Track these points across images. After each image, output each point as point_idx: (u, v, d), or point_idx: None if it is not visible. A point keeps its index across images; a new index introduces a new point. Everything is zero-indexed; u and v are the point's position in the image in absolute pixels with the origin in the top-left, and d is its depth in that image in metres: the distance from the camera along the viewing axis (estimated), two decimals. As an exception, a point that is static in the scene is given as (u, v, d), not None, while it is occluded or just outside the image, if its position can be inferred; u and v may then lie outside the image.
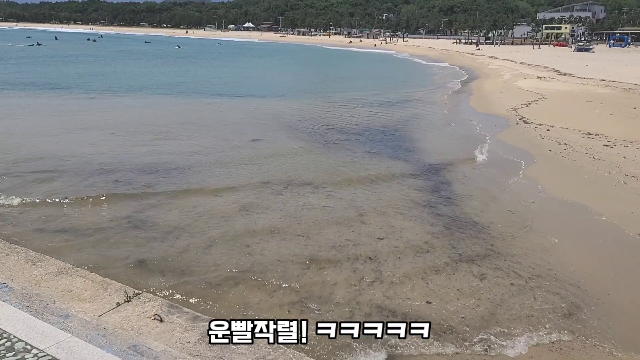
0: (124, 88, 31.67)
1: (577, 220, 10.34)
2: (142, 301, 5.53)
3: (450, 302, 6.94)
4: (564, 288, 7.45)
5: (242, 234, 9.10)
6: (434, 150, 16.43)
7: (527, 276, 7.78)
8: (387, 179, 13.05)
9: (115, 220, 9.56)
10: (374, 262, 8.10)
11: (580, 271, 8.02)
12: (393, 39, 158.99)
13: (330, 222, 9.77)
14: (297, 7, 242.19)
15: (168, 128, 18.85)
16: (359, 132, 19.26)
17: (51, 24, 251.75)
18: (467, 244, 8.92)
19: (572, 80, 37.06)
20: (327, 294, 7.06)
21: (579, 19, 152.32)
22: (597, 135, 17.63)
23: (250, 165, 13.80)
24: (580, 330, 6.42)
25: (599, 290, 7.44)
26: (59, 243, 8.40)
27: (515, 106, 24.47)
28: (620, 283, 7.74)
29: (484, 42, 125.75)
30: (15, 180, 11.76)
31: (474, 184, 12.84)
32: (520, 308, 6.87)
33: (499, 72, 46.60)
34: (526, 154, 15.55)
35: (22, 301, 5.30)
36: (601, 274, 8.00)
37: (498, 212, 10.74)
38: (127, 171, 12.86)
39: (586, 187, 12.22)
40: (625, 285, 7.70)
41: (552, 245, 9.01)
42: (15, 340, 4.55)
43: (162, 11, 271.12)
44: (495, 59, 66.02)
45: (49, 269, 6.20)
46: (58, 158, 13.92)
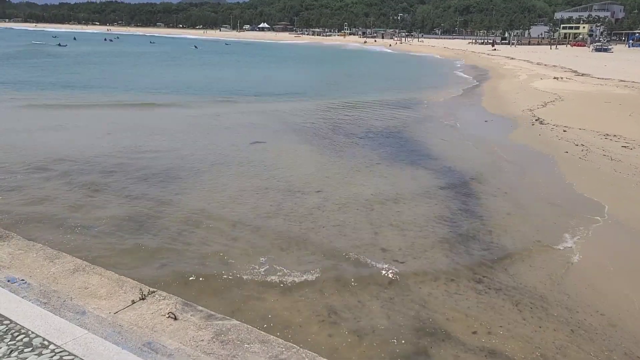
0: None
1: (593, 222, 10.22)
2: (156, 299, 5.58)
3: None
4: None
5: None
6: (449, 155, 16.35)
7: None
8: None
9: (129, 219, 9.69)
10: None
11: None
12: (408, 39, 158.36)
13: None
14: (312, 7, 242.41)
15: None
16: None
17: (70, 24, 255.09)
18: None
19: (590, 80, 36.54)
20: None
21: (598, 18, 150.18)
22: (615, 136, 17.37)
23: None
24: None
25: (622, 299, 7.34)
26: (77, 240, 8.56)
27: (531, 107, 24.22)
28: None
29: (500, 42, 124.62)
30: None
31: (490, 186, 12.73)
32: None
33: (515, 72, 46.15)
34: (541, 156, 15.39)
35: (40, 297, 5.38)
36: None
37: (516, 218, 10.65)
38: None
39: (604, 189, 12.05)
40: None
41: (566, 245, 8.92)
42: (33, 336, 4.62)
43: (178, 12, 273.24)
44: (511, 59, 65.38)
45: (66, 266, 6.29)
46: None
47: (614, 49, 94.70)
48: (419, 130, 19.84)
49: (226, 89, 33.41)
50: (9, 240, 6.98)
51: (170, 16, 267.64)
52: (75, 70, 43.79)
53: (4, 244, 6.85)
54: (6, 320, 4.84)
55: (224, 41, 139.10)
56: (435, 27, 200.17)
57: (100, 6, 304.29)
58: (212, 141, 16.83)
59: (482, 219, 10.22)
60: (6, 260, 6.30)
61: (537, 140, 17.47)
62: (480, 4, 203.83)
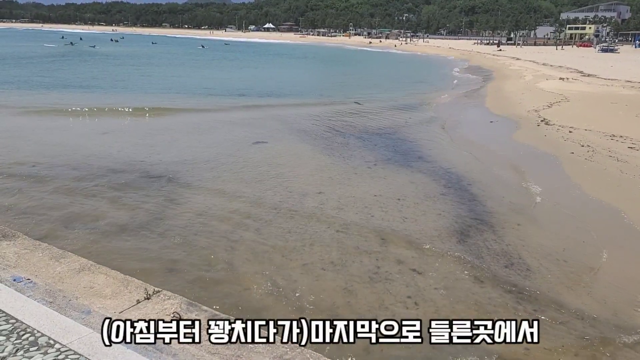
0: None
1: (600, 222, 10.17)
2: (161, 299, 5.59)
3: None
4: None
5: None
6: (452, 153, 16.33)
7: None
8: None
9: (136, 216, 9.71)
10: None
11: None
12: (413, 39, 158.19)
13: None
14: (317, 7, 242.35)
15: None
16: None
17: (76, 25, 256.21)
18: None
19: (596, 81, 36.35)
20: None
21: (604, 19, 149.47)
22: (621, 137, 17.27)
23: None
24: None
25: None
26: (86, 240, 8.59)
27: (536, 108, 24.13)
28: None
29: (506, 43, 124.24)
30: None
31: (490, 187, 12.69)
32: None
33: (521, 73, 45.99)
34: (547, 156, 15.33)
35: (45, 297, 5.40)
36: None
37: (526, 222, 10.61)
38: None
39: (610, 190, 11.99)
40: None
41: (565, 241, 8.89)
42: (39, 335, 4.64)
43: (184, 12, 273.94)
44: (516, 60, 65.18)
45: (71, 265, 6.31)
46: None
47: (620, 49, 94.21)
48: (421, 131, 19.83)
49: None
50: (15, 240, 7.01)
51: (175, 16, 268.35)
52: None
53: (10, 243, 6.88)
54: (12, 319, 4.87)
55: (225, 41, 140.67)
56: (441, 28, 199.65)
57: (106, 7, 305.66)
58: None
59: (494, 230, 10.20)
60: (12, 260, 6.33)
61: (542, 141, 17.40)
62: (485, 4, 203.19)
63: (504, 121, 22.01)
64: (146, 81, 37.12)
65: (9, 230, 7.39)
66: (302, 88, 36.68)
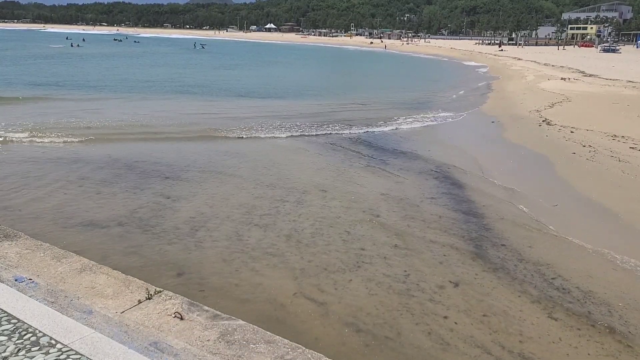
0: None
1: (600, 223, 10.16)
2: (163, 299, 5.59)
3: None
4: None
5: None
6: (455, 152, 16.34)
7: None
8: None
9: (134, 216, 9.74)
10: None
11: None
12: (415, 39, 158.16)
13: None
14: (319, 8, 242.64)
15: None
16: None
17: (78, 25, 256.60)
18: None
19: (598, 81, 36.32)
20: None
21: (605, 19, 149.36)
22: (623, 137, 17.25)
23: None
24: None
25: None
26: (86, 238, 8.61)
27: (538, 108, 24.10)
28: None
29: (507, 43, 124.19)
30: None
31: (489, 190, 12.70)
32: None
33: (522, 73, 45.99)
34: (548, 157, 15.31)
35: (47, 297, 5.41)
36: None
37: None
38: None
39: (612, 191, 11.97)
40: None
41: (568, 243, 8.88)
42: (40, 335, 4.64)
43: (185, 12, 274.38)
44: (518, 60, 65.18)
45: (73, 265, 6.32)
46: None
47: (622, 49, 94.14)
48: (422, 131, 19.83)
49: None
50: (17, 240, 7.02)
51: (177, 17, 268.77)
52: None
53: (12, 243, 6.89)
54: (14, 319, 4.88)
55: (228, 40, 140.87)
56: (442, 28, 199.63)
57: (108, 7, 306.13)
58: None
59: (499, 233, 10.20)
60: (14, 260, 6.34)
61: (544, 141, 17.38)
62: (487, 4, 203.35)
63: (505, 121, 21.96)
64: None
65: (10, 230, 7.40)
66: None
